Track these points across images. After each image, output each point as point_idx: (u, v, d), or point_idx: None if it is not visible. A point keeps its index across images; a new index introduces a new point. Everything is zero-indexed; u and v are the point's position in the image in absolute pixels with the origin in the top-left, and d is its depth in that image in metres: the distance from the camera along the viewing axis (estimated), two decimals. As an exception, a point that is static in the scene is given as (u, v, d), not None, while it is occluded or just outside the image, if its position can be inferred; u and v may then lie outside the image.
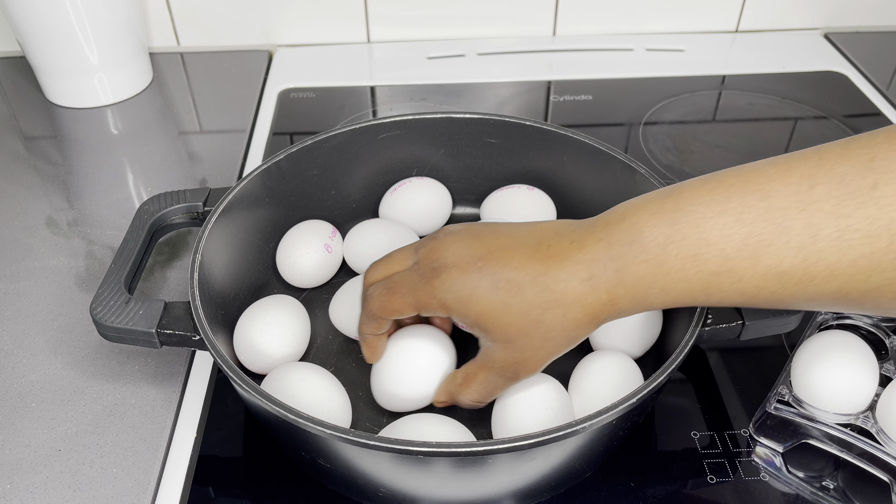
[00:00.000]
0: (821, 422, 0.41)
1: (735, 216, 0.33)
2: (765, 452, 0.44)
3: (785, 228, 0.32)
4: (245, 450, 0.46)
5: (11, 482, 0.43)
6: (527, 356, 0.38)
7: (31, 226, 0.62)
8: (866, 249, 0.30)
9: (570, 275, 0.36)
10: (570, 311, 0.36)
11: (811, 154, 0.33)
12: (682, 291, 0.35)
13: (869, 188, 0.30)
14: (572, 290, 0.36)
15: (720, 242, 0.33)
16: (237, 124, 0.75)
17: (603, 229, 0.36)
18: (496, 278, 0.37)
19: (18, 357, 0.51)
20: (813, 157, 0.32)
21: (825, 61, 0.84)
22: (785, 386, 0.43)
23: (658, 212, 0.35)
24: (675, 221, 0.34)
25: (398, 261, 0.41)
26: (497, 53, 0.85)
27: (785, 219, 0.32)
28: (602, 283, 0.36)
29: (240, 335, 0.47)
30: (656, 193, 0.36)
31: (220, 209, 0.48)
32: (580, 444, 0.38)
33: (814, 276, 0.32)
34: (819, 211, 0.31)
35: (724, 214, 0.33)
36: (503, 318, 0.37)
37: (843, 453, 0.41)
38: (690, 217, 0.34)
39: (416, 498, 0.40)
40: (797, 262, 0.32)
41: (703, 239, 0.33)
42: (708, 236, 0.33)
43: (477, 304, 0.37)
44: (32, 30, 0.71)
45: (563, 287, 0.36)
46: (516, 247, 0.38)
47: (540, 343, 0.37)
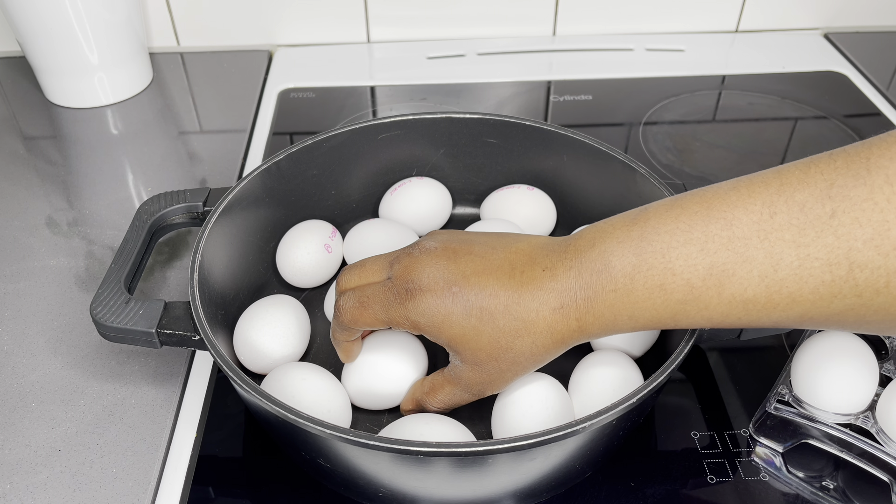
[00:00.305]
0: (821, 422, 0.41)
1: (699, 246, 0.33)
2: (765, 452, 0.44)
3: (747, 258, 0.32)
4: (245, 450, 0.46)
5: (11, 482, 0.43)
6: (493, 378, 0.39)
7: (31, 226, 0.62)
8: (826, 277, 0.31)
9: (541, 304, 0.37)
10: (540, 338, 0.37)
11: (772, 178, 0.33)
12: (650, 318, 0.36)
13: (828, 217, 0.31)
14: (543, 319, 0.37)
15: (685, 272, 0.34)
16: (237, 124, 0.75)
17: (573, 256, 0.37)
18: (469, 305, 0.37)
19: (18, 357, 0.51)
20: (774, 182, 0.33)
21: (825, 61, 0.84)
22: (785, 386, 0.43)
23: (625, 240, 0.36)
24: (642, 251, 0.35)
25: (372, 271, 0.41)
26: (497, 53, 0.85)
27: (747, 248, 0.32)
28: (572, 312, 0.36)
29: (240, 335, 0.47)
30: (623, 218, 0.37)
31: (220, 209, 0.48)
32: (580, 444, 0.38)
33: (777, 303, 0.33)
34: (780, 240, 0.32)
35: (689, 244, 0.34)
36: (474, 342, 0.38)
37: (843, 453, 0.41)
38: (656, 247, 0.35)
39: (416, 498, 0.40)
40: (760, 291, 0.33)
41: (669, 269, 0.34)
42: (673, 266, 0.34)
43: (449, 329, 0.38)
44: (32, 30, 0.71)
45: (533, 316, 0.37)
46: (490, 272, 0.38)
47: (507, 367, 0.39)
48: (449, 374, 0.41)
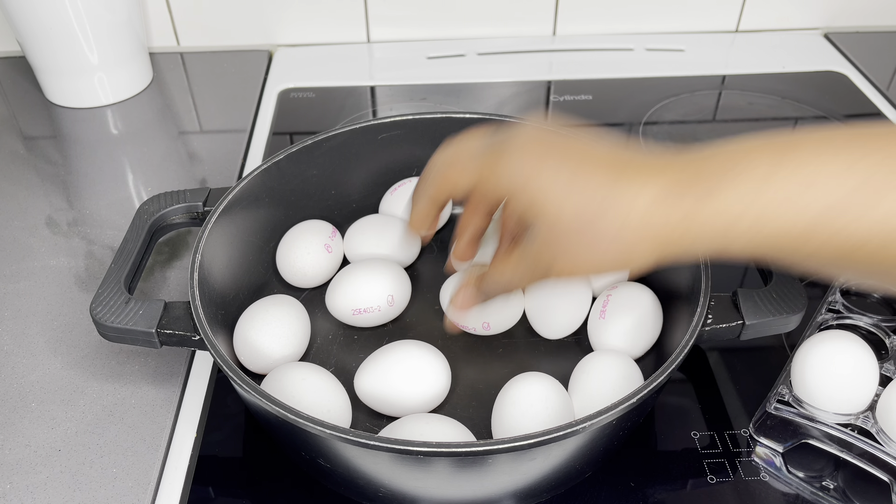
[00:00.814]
0: (821, 422, 0.41)
1: (859, 154, 0.30)
2: (765, 452, 0.44)
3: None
4: (245, 450, 0.46)
5: (11, 482, 0.43)
6: (569, 253, 0.35)
7: (31, 226, 0.62)
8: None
9: (643, 186, 0.33)
10: (630, 224, 0.33)
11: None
12: (780, 229, 0.31)
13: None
14: (642, 205, 0.33)
15: (838, 175, 0.30)
16: (237, 124, 0.75)
17: (696, 157, 0.33)
18: (563, 167, 0.34)
19: (18, 357, 0.51)
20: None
21: (825, 61, 0.84)
22: (785, 386, 0.43)
23: (764, 147, 0.32)
24: (783, 157, 0.31)
25: (474, 137, 0.40)
26: (497, 53, 0.85)
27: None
28: (679, 203, 0.32)
29: (240, 335, 0.47)
30: (760, 138, 0.33)
31: (220, 209, 0.48)
32: (580, 444, 0.38)
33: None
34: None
35: (843, 152, 0.30)
36: (561, 198, 0.34)
37: (843, 453, 0.41)
38: (800, 155, 0.31)
39: (416, 498, 0.40)
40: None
41: (819, 167, 0.30)
42: (816, 177, 0.30)
43: (536, 182, 0.35)
44: (32, 30, 0.71)
45: (630, 199, 0.33)
46: (593, 151, 0.35)
47: (587, 245, 0.34)
48: (522, 245, 0.37)
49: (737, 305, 0.43)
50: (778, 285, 0.44)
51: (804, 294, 0.43)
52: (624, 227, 0.33)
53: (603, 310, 0.48)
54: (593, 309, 0.50)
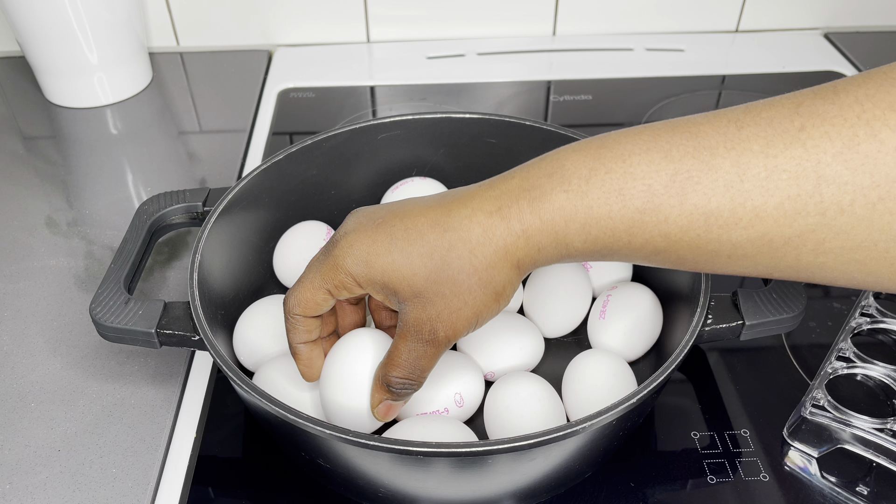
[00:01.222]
0: (857, 426, 0.41)
1: (662, 153, 0.32)
2: (799, 457, 0.44)
3: (713, 166, 0.31)
4: (245, 450, 0.46)
5: (11, 482, 0.43)
6: (439, 309, 0.35)
7: (31, 226, 0.62)
8: (793, 191, 0.30)
9: (474, 210, 0.34)
10: (478, 247, 0.34)
11: (738, 106, 0.33)
12: (605, 229, 0.33)
13: (796, 130, 0.30)
14: (478, 224, 0.34)
15: (647, 177, 0.32)
16: (237, 124, 0.75)
17: (518, 170, 0.35)
18: (393, 230, 0.35)
19: (18, 357, 0.51)
20: (740, 107, 0.33)
21: (825, 61, 0.84)
22: (820, 390, 0.43)
23: (581, 149, 0.34)
24: (600, 156, 0.33)
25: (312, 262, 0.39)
26: (497, 53, 0.85)
27: (713, 157, 0.31)
28: (513, 213, 0.33)
29: (239, 334, 0.47)
30: (579, 140, 0.35)
31: (220, 209, 0.48)
32: (580, 445, 0.38)
33: (740, 218, 0.31)
34: (747, 150, 0.31)
35: (652, 151, 0.32)
36: (406, 268, 0.34)
37: (878, 457, 0.41)
38: (616, 153, 0.33)
39: (416, 498, 0.40)
40: (725, 202, 0.31)
41: (630, 173, 0.32)
42: (634, 171, 0.32)
43: (377, 260, 0.35)
44: (32, 30, 0.71)
45: (466, 223, 0.34)
46: (418, 202, 0.36)
47: (451, 290, 0.34)
48: (398, 330, 0.37)
49: (737, 305, 0.43)
50: (778, 285, 0.43)
51: (804, 294, 0.43)
52: (473, 253, 0.34)
53: (603, 309, 0.48)
54: (593, 308, 0.50)
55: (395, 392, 0.38)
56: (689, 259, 0.33)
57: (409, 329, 0.36)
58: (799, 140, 0.30)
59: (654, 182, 0.32)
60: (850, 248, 0.30)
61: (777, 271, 0.33)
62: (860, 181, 0.29)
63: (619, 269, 0.52)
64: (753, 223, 0.31)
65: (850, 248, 0.30)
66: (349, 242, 0.36)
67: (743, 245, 0.32)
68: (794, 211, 0.30)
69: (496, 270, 0.34)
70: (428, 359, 0.37)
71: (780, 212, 0.30)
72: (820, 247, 0.31)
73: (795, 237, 0.31)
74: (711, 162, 0.31)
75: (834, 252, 0.31)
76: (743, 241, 0.32)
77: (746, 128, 0.31)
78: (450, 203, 0.35)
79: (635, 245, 0.33)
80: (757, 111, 0.32)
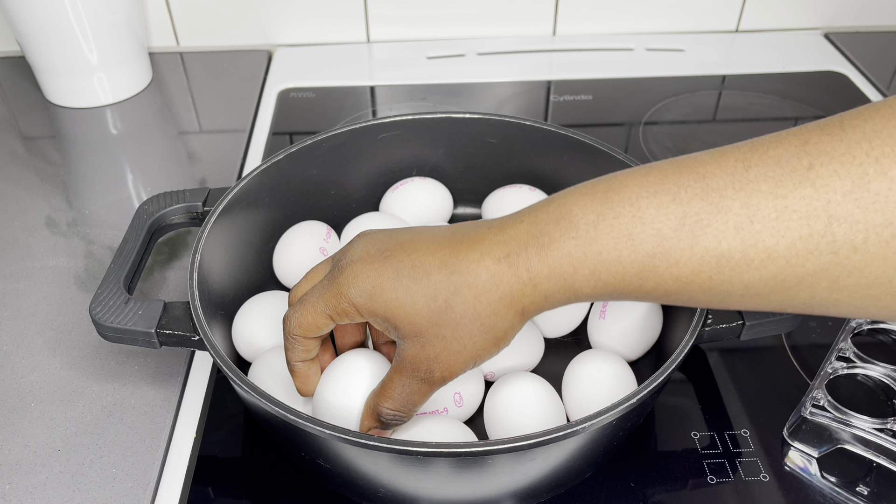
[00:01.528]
0: (857, 426, 0.41)
1: (671, 195, 0.32)
2: (799, 457, 0.44)
3: (722, 208, 0.31)
4: (244, 450, 0.46)
5: (10, 482, 0.43)
6: (438, 350, 0.35)
7: (31, 226, 0.62)
8: (804, 231, 0.30)
9: (482, 255, 0.34)
10: (483, 293, 0.34)
11: (744, 142, 0.33)
12: (615, 274, 0.33)
13: (805, 169, 0.30)
14: (485, 270, 0.33)
15: (656, 221, 0.32)
16: (237, 124, 0.75)
17: (527, 213, 0.34)
18: (400, 266, 0.35)
19: (18, 357, 0.51)
20: (746, 144, 0.32)
21: (825, 61, 0.84)
22: (820, 390, 0.43)
23: (589, 193, 0.33)
24: (608, 200, 0.33)
25: (318, 272, 0.39)
26: (497, 53, 0.85)
27: (722, 198, 0.31)
28: (521, 261, 0.33)
29: (238, 325, 0.47)
30: (585, 182, 0.35)
31: (220, 209, 0.48)
32: (580, 445, 0.38)
33: (752, 259, 0.31)
34: (756, 191, 0.30)
35: (660, 194, 0.32)
36: (409, 306, 0.34)
37: (878, 458, 0.41)
38: (624, 196, 0.32)
39: (415, 498, 0.40)
40: (735, 244, 0.31)
41: (638, 217, 0.32)
42: (643, 214, 0.32)
43: (382, 295, 0.35)
44: (32, 30, 0.71)
45: (474, 268, 0.34)
46: (427, 237, 0.36)
47: (451, 334, 0.34)
48: (395, 363, 0.37)
49: (737, 305, 0.43)
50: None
51: (804, 294, 0.43)
52: (478, 298, 0.34)
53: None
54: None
55: (384, 422, 0.38)
56: (702, 299, 0.33)
57: (405, 365, 0.36)
58: (808, 179, 0.30)
59: (663, 226, 0.32)
60: (865, 286, 0.30)
61: (791, 307, 0.32)
62: (872, 219, 0.29)
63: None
64: (765, 264, 0.31)
65: (864, 286, 0.30)
66: (355, 272, 0.35)
67: (755, 285, 0.31)
68: (807, 251, 0.30)
69: (500, 317, 0.34)
70: (420, 395, 0.37)
71: (792, 252, 0.30)
72: (834, 284, 0.31)
73: (809, 276, 0.31)
74: (720, 204, 0.31)
75: (848, 289, 0.31)
76: (755, 281, 0.31)
77: (754, 167, 0.31)
78: (459, 244, 0.35)
79: (646, 288, 0.33)
80: (764, 149, 0.31)
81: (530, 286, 0.33)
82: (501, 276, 0.33)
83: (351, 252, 0.37)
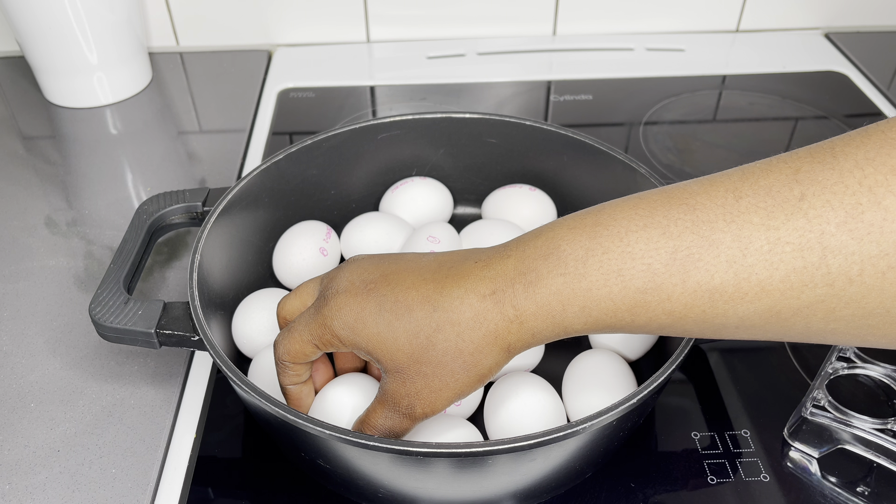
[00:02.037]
0: (858, 427, 0.41)
1: (661, 229, 0.31)
2: (799, 458, 0.44)
3: (714, 241, 0.30)
4: (244, 450, 0.46)
5: (10, 483, 0.43)
6: (419, 387, 0.35)
7: (30, 226, 0.62)
8: (798, 263, 0.29)
9: (467, 291, 0.33)
10: (466, 331, 0.33)
11: (734, 171, 0.32)
12: (606, 311, 0.32)
13: (797, 199, 0.29)
14: (469, 307, 0.33)
15: (646, 256, 0.31)
16: (236, 124, 0.75)
17: (514, 247, 0.34)
18: (383, 300, 0.34)
19: (17, 357, 0.51)
20: (736, 173, 0.32)
21: (826, 61, 0.84)
22: (821, 390, 0.43)
23: (577, 227, 0.33)
24: (597, 235, 0.32)
25: (306, 292, 0.39)
26: (497, 53, 0.85)
27: (713, 231, 0.30)
28: (507, 298, 0.33)
29: (238, 321, 0.48)
30: (574, 214, 0.34)
31: (220, 209, 0.48)
32: (580, 445, 0.38)
33: (745, 293, 0.30)
34: (748, 223, 0.30)
35: (649, 228, 0.31)
36: (390, 342, 0.34)
37: (879, 458, 0.41)
38: (613, 231, 0.32)
39: (415, 498, 0.40)
40: (728, 278, 0.30)
41: (628, 252, 0.31)
42: (633, 250, 0.31)
43: (364, 329, 0.35)
44: (31, 29, 0.71)
45: (458, 304, 0.33)
46: (413, 269, 0.35)
47: (433, 371, 0.34)
48: (378, 395, 0.37)
49: (737, 305, 0.43)
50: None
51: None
52: (461, 336, 0.33)
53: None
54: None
55: None
56: (696, 332, 0.32)
57: (387, 399, 0.36)
58: (800, 210, 0.29)
59: (653, 261, 0.31)
60: (862, 316, 0.30)
61: (787, 337, 0.32)
62: (867, 251, 0.28)
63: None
64: (760, 297, 0.30)
65: (861, 316, 0.30)
66: (339, 304, 0.35)
67: (750, 317, 0.31)
68: (801, 283, 0.29)
69: (483, 354, 0.34)
70: (402, 428, 0.37)
71: (787, 285, 0.29)
72: (830, 315, 0.30)
73: (804, 308, 0.30)
74: (712, 237, 0.30)
75: (845, 319, 0.30)
76: (750, 314, 0.31)
77: (745, 198, 0.30)
78: (444, 279, 0.34)
79: (639, 323, 0.32)
80: (755, 178, 0.31)
81: (517, 323, 0.33)
82: (486, 314, 0.33)
83: (337, 282, 0.37)
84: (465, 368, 0.34)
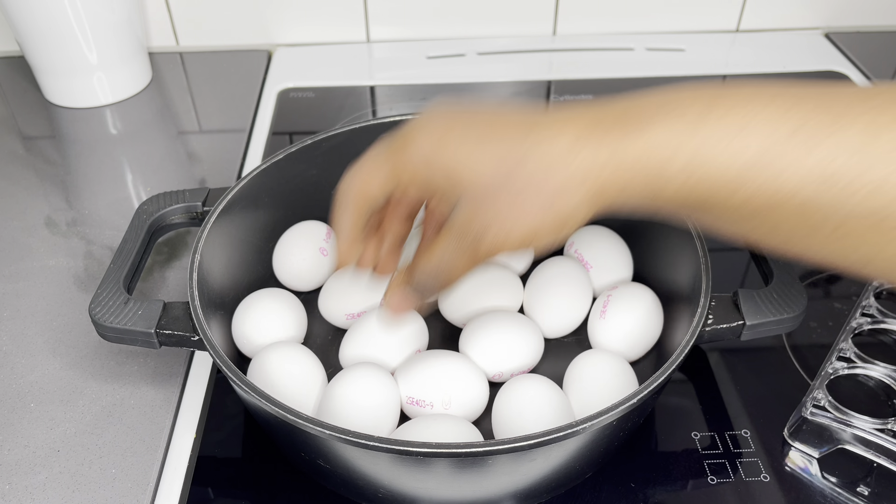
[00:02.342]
0: (858, 427, 0.41)
1: (785, 108, 0.29)
2: (800, 458, 0.44)
3: (843, 125, 0.28)
4: (244, 450, 0.46)
5: (10, 483, 0.43)
6: (491, 217, 0.32)
7: (30, 226, 0.62)
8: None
9: (566, 123, 0.31)
10: (555, 164, 0.30)
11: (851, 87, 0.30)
12: (707, 177, 0.29)
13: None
14: (564, 140, 0.30)
15: (766, 126, 0.29)
16: (236, 124, 0.75)
17: (625, 97, 0.31)
18: (476, 118, 0.32)
19: (17, 357, 0.51)
20: (854, 87, 0.30)
21: (826, 61, 0.84)
22: (821, 390, 0.43)
23: (696, 89, 0.30)
24: (717, 98, 0.30)
25: (376, 145, 0.37)
26: (497, 53, 0.85)
27: (841, 118, 0.28)
28: (607, 139, 0.30)
29: (238, 321, 0.48)
30: (687, 84, 0.32)
31: (219, 209, 0.48)
32: (580, 445, 0.38)
33: (860, 187, 0.28)
34: (876, 120, 0.28)
35: (773, 105, 0.29)
36: (475, 162, 0.32)
37: (879, 458, 0.41)
38: (734, 101, 0.30)
39: (415, 498, 0.40)
40: (850, 165, 0.28)
41: (751, 116, 0.29)
42: (753, 119, 0.29)
43: (445, 149, 0.32)
44: (31, 29, 0.71)
45: (552, 135, 0.31)
46: (501, 112, 0.33)
47: (509, 203, 0.31)
48: (445, 227, 0.34)
49: (737, 306, 0.43)
50: (779, 286, 0.43)
51: (805, 294, 0.43)
52: (549, 169, 0.31)
53: (603, 309, 0.48)
54: (594, 308, 0.50)
55: (415, 285, 0.36)
56: (785, 228, 0.30)
57: (455, 227, 0.33)
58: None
59: (773, 132, 0.29)
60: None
61: (876, 261, 0.29)
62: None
63: (620, 269, 0.52)
64: (873, 195, 0.28)
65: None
66: (426, 120, 0.33)
67: (854, 218, 0.28)
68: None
69: (566, 196, 0.31)
70: (461, 264, 0.34)
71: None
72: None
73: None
74: (841, 121, 0.28)
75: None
76: (856, 213, 0.28)
77: (873, 100, 0.29)
78: (537, 121, 0.32)
79: (734, 202, 0.30)
80: (878, 91, 0.29)
81: (608, 169, 0.30)
82: (578, 152, 0.30)
83: (417, 120, 0.34)
84: (543, 207, 0.31)
